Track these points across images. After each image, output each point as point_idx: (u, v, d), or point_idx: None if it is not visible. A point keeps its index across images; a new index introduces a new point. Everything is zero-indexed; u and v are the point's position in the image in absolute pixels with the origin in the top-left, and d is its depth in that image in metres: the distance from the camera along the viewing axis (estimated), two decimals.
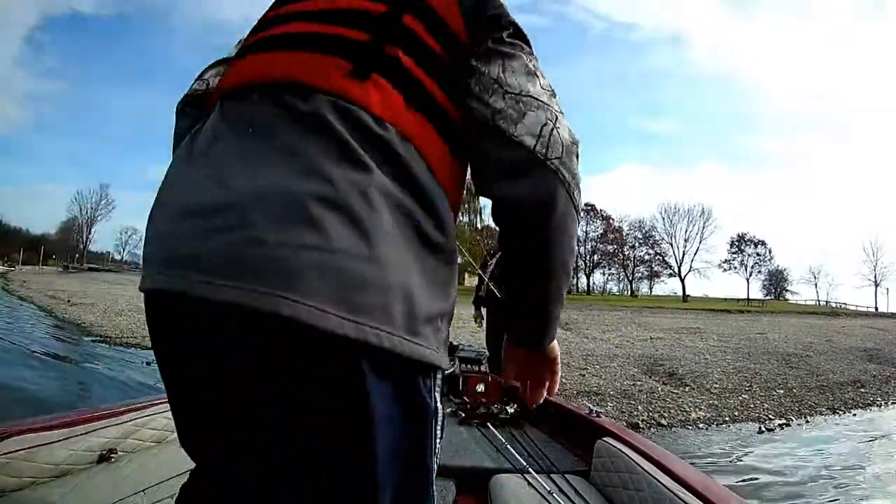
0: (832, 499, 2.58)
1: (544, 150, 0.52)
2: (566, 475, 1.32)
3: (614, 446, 1.27)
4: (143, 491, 1.05)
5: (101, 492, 1.03)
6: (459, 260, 0.58)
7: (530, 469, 1.35)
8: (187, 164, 0.53)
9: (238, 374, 0.47)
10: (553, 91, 0.57)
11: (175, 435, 1.42)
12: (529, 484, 1.26)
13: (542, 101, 0.54)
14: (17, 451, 1.03)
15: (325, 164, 0.46)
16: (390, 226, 0.47)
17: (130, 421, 1.31)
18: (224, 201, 0.46)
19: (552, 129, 0.53)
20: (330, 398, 0.45)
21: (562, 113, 0.55)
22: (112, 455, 1.21)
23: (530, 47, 0.58)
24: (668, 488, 1.00)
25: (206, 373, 0.51)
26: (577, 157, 0.55)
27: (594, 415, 1.57)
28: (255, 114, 0.51)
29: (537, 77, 0.56)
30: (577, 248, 0.59)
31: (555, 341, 0.65)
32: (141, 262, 0.54)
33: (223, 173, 0.48)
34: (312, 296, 0.42)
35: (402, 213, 0.48)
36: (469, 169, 0.58)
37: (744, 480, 2.83)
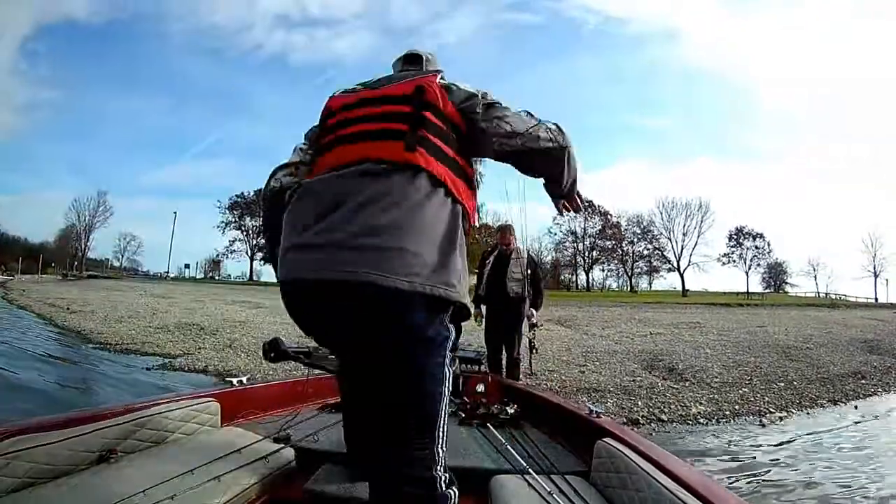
0: (833, 492, 2.59)
1: (559, 143, 1.01)
2: (566, 476, 1.32)
3: (614, 447, 1.27)
4: (143, 491, 1.04)
5: (101, 492, 1.04)
6: None
7: (530, 470, 1.35)
8: (306, 213, 0.93)
9: (348, 323, 0.88)
10: (529, 112, 1.02)
11: (175, 435, 1.44)
12: (529, 485, 1.26)
13: (536, 123, 1.01)
14: (17, 451, 1.03)
15: (393, 199, 0.87)
16: (436, 228, 0.89)
17: (130, 421, 1.32)
18: (334, 230, 0.87)
19: (550, 130, 1.01)
20: (400, 322, 0.86)
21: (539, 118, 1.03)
22: (112, 455, 1.21)
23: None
24: (668, 489, 1.00)
25: (331, 328, 0.93)
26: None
27: (594, 415, 1.57)
28: (349, 178, 0.92)
29: (520, 113, 1.01)
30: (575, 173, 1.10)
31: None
32: (284, 268, 0.94)
33: (334, 217, 0.88)
34: (389, 272, 0.82)
35: (440, 218, 0.91)
36: (517, 168, 1.06)
37: (744, 474, 2.83)
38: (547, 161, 1.03)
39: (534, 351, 3.82)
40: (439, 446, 0.93)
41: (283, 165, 1.13)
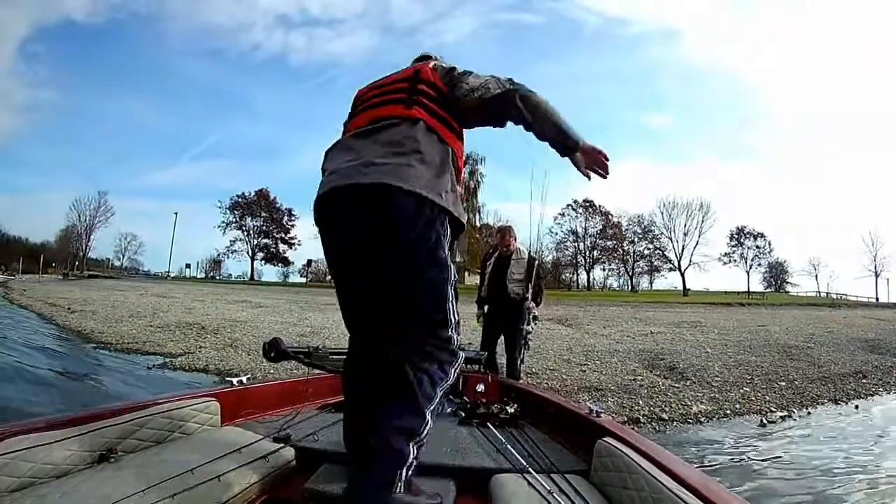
0: (832, 490, 2.58)
1: (506, 87, 1.24)
2: (566, 475, 1.32)
3: (614, 446, 1.27)
4: (143, 491, 1.04)
5: (101, 492, 1.03)
6: (458, 258, 1.08)
7: (530, 469, 1.35)
8: (340, 153, 1.27)
9: (362, 219, 1.16)
10: (493, 75, 1.28)
11: (174, 434, 1.44)
12: (529, 484, 1.25)
13: (488, 78, 1.27)
14: (17, 451, 1.03)
15: (402, 138, 1.20)
16: (431, 157, 1.20)
17: (130, 421, 1.32)
18: (361, 156, 1.19)
19: (499, 81, 1.26)
20: (408, 213, 1.13)
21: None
22: (112, 455, 1.21)
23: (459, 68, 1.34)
24: (668, 488, 1.00)
25: (347, 229, 1.21)
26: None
27: (594, 414, 1.57)
28: (369, 132, 1.26)
29: (479, 75, 1.29)
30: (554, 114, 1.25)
31: (581, 138, 1.26)
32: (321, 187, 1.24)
33: (361, 151, 1.22)
34: (400, 179, 1.13)
35: (436, 151, 1.22)
36: (486, 121, 1.32)
37: (745, 473, 2.83)
38: (503, 105, 1.24)
39: (527, 348, 3.84)
40: (452, 315, 1.24)
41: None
